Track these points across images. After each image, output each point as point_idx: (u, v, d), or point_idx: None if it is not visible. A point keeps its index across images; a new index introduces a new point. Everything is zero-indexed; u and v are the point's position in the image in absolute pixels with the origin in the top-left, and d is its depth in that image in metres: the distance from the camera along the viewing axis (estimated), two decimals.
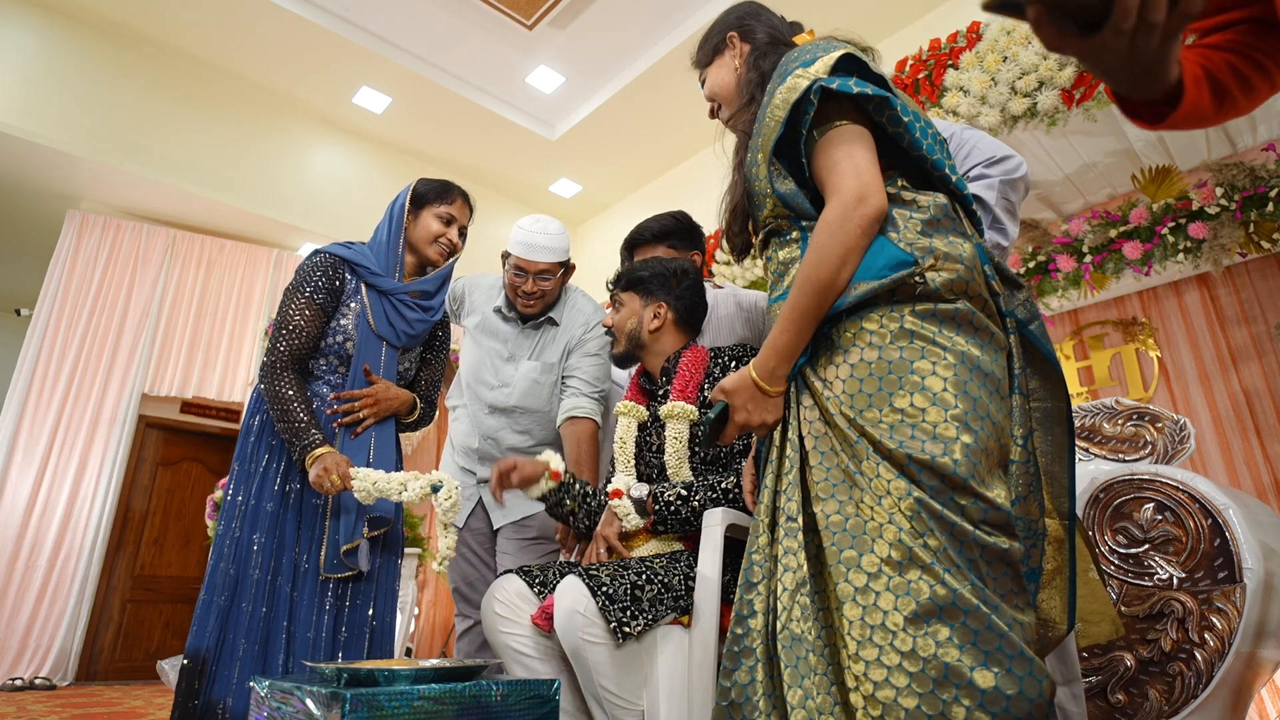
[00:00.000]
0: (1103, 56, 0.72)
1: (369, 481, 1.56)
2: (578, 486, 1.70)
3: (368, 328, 1.76)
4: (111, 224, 5.53)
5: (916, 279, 1.03)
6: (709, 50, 1.44)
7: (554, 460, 1.67)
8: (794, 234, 1.17)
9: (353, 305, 1.76)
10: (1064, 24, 0.72)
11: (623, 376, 2.25)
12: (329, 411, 1.73)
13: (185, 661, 1.57)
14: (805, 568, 0.98)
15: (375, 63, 5.47)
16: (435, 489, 1.61)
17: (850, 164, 1.08)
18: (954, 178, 1.15)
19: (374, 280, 1.77)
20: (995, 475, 0.99)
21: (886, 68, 1.37)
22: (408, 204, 1.88)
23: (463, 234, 1.92)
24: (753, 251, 1.33)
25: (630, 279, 1.78)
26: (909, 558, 0.91)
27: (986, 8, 0.69)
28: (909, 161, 1.15)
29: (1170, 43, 0.73)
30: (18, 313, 7.58)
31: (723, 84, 1.40)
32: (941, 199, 1.12)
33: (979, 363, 1.01)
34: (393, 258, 1.83)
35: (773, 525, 1.06)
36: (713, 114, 1.46)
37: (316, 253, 1.79)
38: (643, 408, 1.76)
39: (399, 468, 1.79)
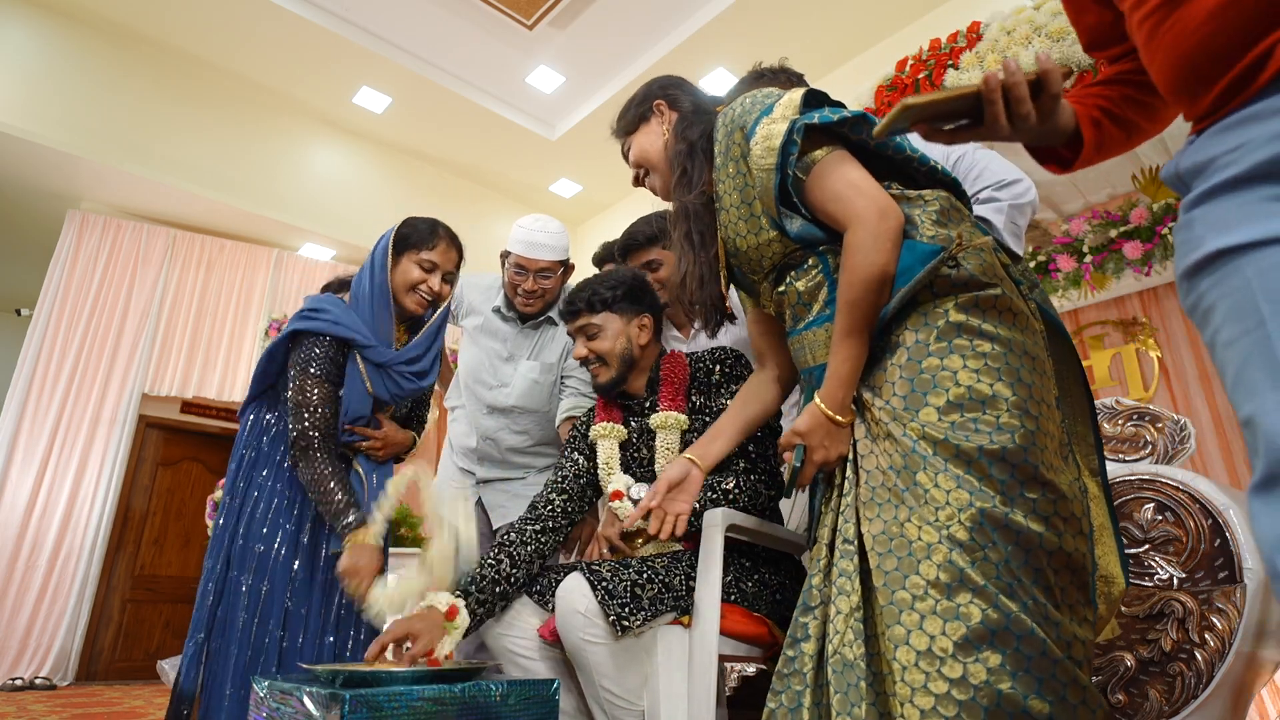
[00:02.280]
0: (995, 136, 0.88)
1: (383, 603, 1.50)
2: (475, 590, 1.45)
3: (363, 390, 1.72)
4: (111, 224, 5.53)
5: (949, 265, 1.04)
6: (634, 118, 1.43)
7: (439, 600, 1.40)
8: (810, 261, 1.17)
9: (349, 373, 1.73)
10: (949, 129, 0.89)
11: None
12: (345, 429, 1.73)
13: (172, 699, 1.57)
14: (859, 592, 0.97)
15: (375, 63, 5.47)
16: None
17: (852, 188, 1.09)
18: (939, 167, 1.18)
19: (368, 355, 1.70)
20: (1060, 458, 0.99)
21: (886, 68, 1.39)
22: (390, 248, 1.76)
23: (449, 279, 1.80)
24: (761, 299, 1.30)
25: (602, 300, 1.66)
26: (959, 580, 0.88)
27: (877, 134, 0.86)
28: (893, 167, 1.18)
29: (1050, 117, 0.88)
30: (18, 313, 7.58)
31: (653, 151, 1.39)
32: (942, 193, 1.14)
33: (1025, 347, 1.01)
34: (378, 312, 1.73)
35: (831, 548, 1.05)
36: (638, 181, 1.44)
37: (310, 334, 1.70)
38: (620, 425, 1.70)
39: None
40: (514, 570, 1.50)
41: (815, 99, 1.17)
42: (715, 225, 1.30)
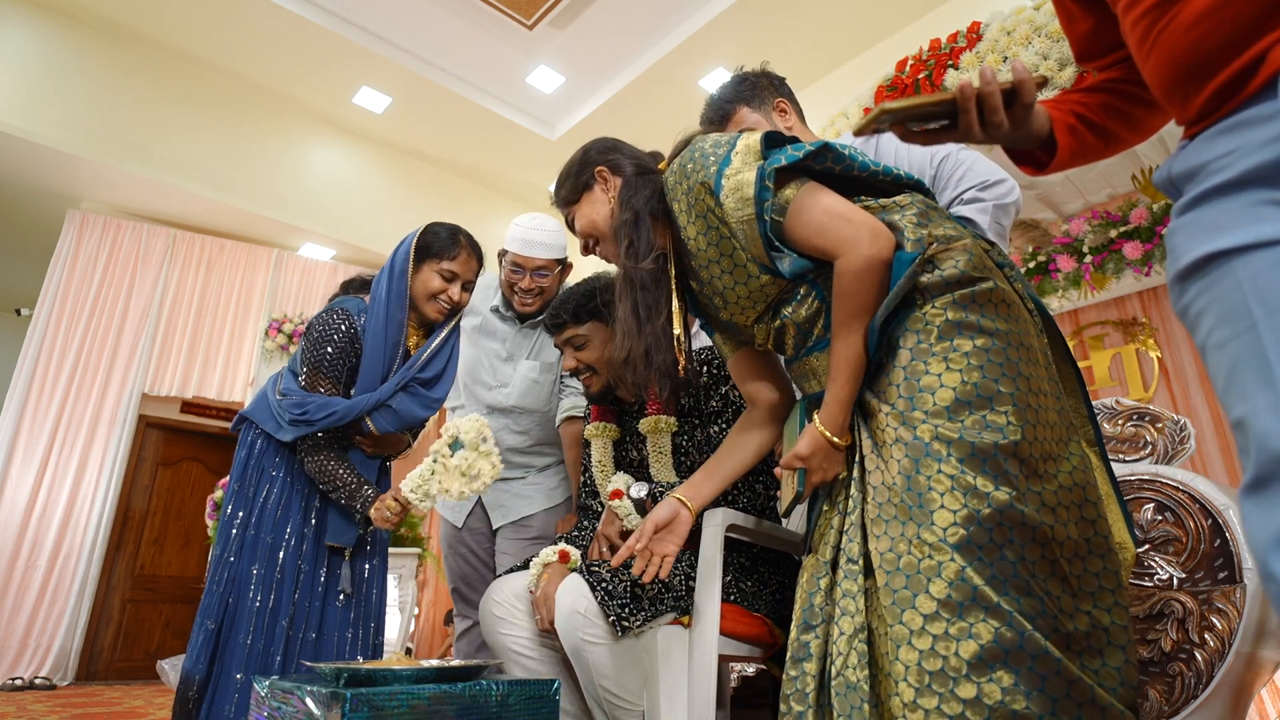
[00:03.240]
0: (969, 140, 0.91)
1: (418, 488, 1.54)
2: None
3: (364, 427, 1.74)
4: (111, 224, 5.53)
5: (928, 268, 1.04)
6: (575, 187, 1.37)
7: (547, 554, 1.55)
8: (802, 290, 1.17)
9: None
10: (926, 129, 0.92)
11: None
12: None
13: (180, 685, 1.59)
14: (864, 613, 0.96)
15: (375, 63, 5.46)
16: (456, 446, 1.56)
17: (835, 217, 1.09)
18: (902, 174, 1.19)
19: (367, 401, 1.70)
20: (1059, 446, 0.99)
21: (886, 68, 1.38)
22: (411, 254, 1.77)
23: (468, 288, 1.82)
24: (756, 340, 1.27)
25: (586, 309, 1.66)
26: (972, 598, 0.87)
27: (857, 133, 0.88)
28: (860, 184, 1.18)
29: (1024, 124, 0.91)
30: (18, 313, 7.57)
31: (601, 220, 1.33)
32: (917, 195, 1.15)
33: (1020, 338, 1.02)
34: (391, 317, 1.73)
35: (834, 566, 1.04)
36: (587, 250, 1.39)
37: (328, 327, 1.72)
38: (613, 425, 1.72)
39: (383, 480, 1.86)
40: None
41: (772, 140, 1.16)
42: (667, 291, 1.26)
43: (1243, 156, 0.64)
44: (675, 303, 1.26)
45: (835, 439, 1.07)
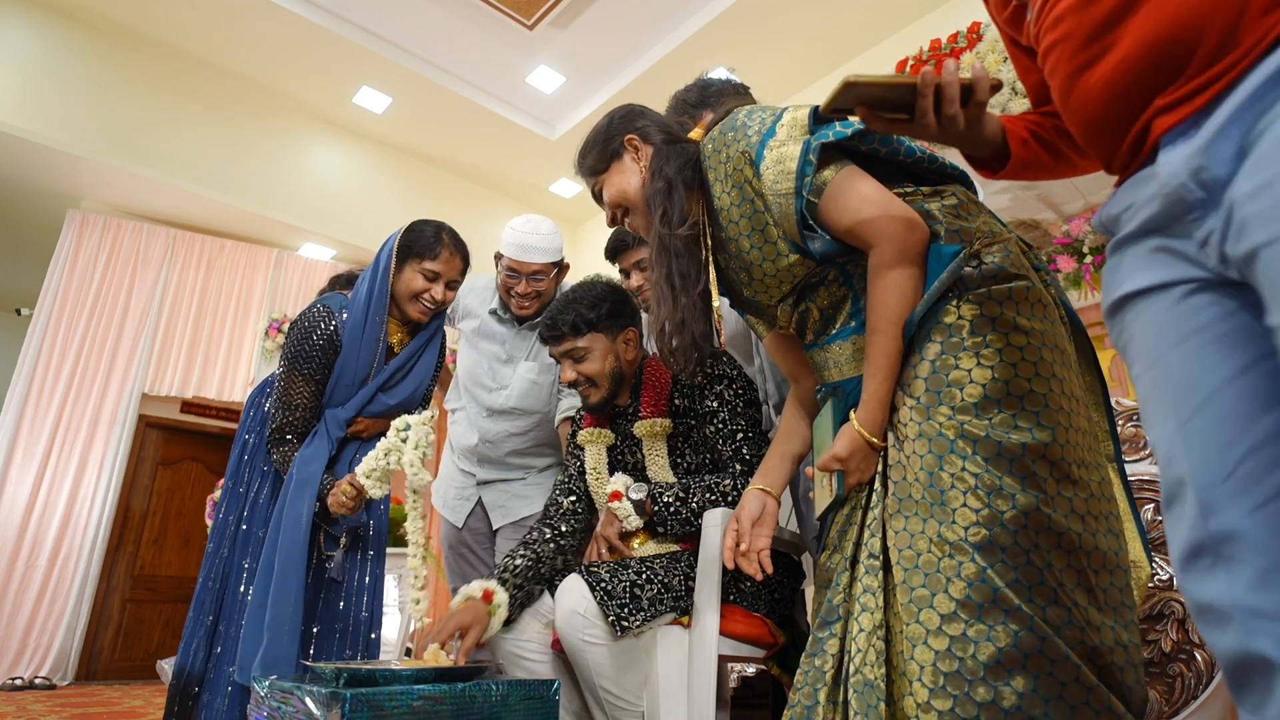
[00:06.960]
0: (925, 135, 0.96)
1: (370, 473, 1.55)
2: (510, 576, 1.49)
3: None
4: (111, 224, 5.53)
5: (973, 263, 1.02)
6: (603, 156, 1.33)
7: (472, 589, 1.44)
8: (831, 275, 1.15)
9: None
10: (886, 118, 0.96)
11: None
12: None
13: (175, 679, 1.59)
14: (883, 610, 0.94)
15: (375, 63, 5.46)
16: (405, 430, 1.55)
17: (871, 204, 1.06)
18: (949, 163, 1.16)
19: (335, 412, 1.73)
20: (1091, 454, 0.97)
21: (887, 68, 1.38)
22: (394, 255, 1.76)
23: (452, 286, 1.81)
24: (779, 321, 1.26)
25: (586, 321, 1.62)
26: (992, 600, 0.85)
27: (824, 110, 0.92)
28: (903, 170, 1.16)
29: (976, 124, 0.97)
30: (18, 313, 7.57)
31: (632, 190, 1.29)
32: (957, 187, 1.13)
33: (1055, 340, 1.00)
34: (371, 317, 1.74)
35: (854, 563, 1.02)
36: (615, 221, 1.35)
37: (307, 323, 1.74)
38: (607, 431, 1.70)
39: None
40: (539, 565, 1.54)
41: (818, 116, 1.12)
42: (700, 261, 1.23)
43: (1139, 209, 0.72)
44: (711, 272, 1.23)
45: (874, 439, 1.04)
